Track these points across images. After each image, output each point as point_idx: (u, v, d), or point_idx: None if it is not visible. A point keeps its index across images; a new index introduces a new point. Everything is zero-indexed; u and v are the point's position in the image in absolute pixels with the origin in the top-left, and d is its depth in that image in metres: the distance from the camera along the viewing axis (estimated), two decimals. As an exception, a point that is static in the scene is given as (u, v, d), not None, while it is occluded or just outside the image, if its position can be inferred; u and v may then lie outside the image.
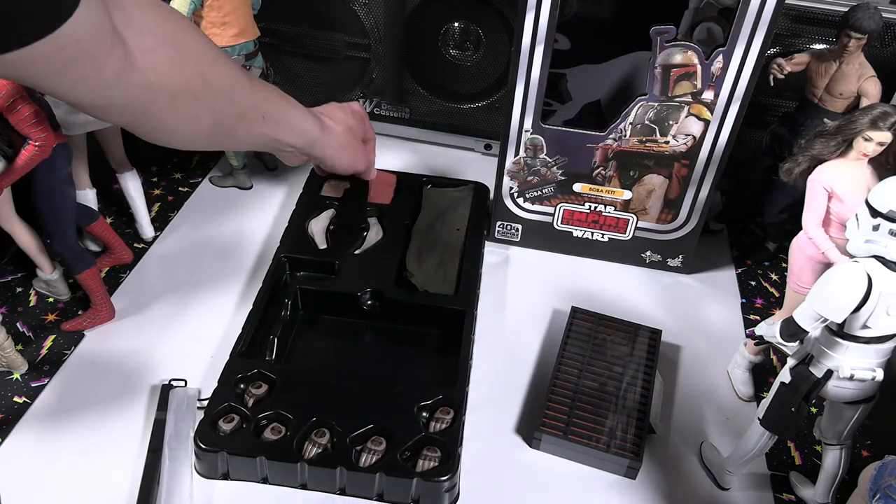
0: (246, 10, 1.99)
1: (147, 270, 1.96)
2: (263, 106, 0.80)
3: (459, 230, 2.01)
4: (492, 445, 1.57)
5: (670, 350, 1.83)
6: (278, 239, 1.91)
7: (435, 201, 2.10)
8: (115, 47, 0.55)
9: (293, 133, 0.87)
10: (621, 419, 1.57)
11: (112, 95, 0.58)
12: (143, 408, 1.58)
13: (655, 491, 1.51)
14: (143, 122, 0.66)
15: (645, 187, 1.94)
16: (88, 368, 1.67)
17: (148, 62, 0.60)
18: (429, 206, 2.08)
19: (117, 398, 1.60)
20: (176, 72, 0.64)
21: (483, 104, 2.42)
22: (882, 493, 1.17)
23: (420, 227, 1.98)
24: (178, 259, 2.00)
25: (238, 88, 0.75)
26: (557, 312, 1.91)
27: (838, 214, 1.51)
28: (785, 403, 1.35)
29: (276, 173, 2.34)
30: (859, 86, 1.83)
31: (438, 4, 2.27)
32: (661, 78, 1.75)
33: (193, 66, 0.66)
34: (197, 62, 0.67)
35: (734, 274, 2.12)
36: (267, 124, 0.81)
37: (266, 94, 0.81)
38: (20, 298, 1.84)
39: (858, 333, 1.26)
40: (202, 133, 0.74)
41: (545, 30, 1.71)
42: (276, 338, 1.67)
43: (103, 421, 1.55)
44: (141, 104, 0.63)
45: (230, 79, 0.74)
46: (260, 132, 0.81)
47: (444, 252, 1.92)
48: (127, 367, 1.67)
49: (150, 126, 0.67)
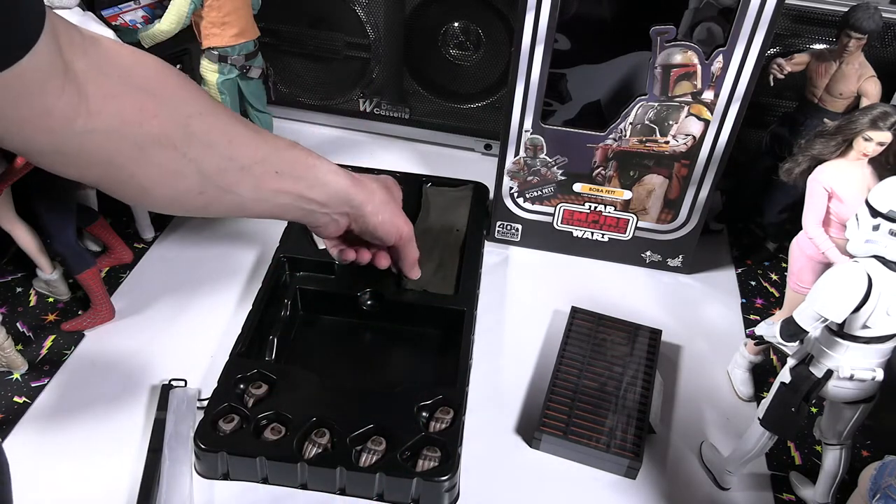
0: (246, 10, 1.99)
1: (147, 270, 1.96)
2: (275, 159, 0.69)
3: (459, 231, 2.00)
4: (492, 445, 1.57)
5: (670, 350, 1.83)
6: (278, 239, 1.91)
7: (434, 201, 2.10)
8: (67, 88, 0.52)
9: (321, 186, 0.74)
10: (621, 419, 1.57)
11: (65, 142, 0.54)
12: (143, 408, 1.58)
13: (655, 491, 1.51)
14: (110, 174, 0.59)
15: (645, 187, 1.94)
16: (88, 368, 1.67)
17: (110, 107, 0.55)
18: (428, 207, 2.08)
19: (117, 398, 1.60)
20: (147, 120, 0.58)
21: (483, 104, 2.42)
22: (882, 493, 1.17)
23: (419, 228, 1.97)
24: (178, 259, 2.00)
25: (237, 140, 0.66)
26: (557, 312, 1.91)
27: (838, 214, 1.51)
28: (785, 403, 1.35)
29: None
30: (859, 86, 1.83)
31: (438, 4, 2.27)
32: (661, 78, 1.75)
33: (172, 114, 0.60)
34: (177, 111, 0.61)
35: (734, 274, 2.12)
36: (284, 179, 0.70)
37: (280, 146, 0.71)
38: (20, 298, 1.84)
39: (858, 333, 1.26)
40: (189, 191, 0.64)
41: (545, 30, 1.71)
42: (276, 338, 1.67)
43: (103, 421, 1.55)
44: (103, 154, 0.57)
45: (225, 131, 0.65)
46: (276, 188, 0.70)
47: (443, 253, 1.92)
48: (127, 367, 1.67)
49: (119, 179, 0.60)
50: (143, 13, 2.00)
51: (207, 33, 1.96)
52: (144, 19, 1.98)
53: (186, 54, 2.24)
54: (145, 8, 2.01)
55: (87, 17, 1.67)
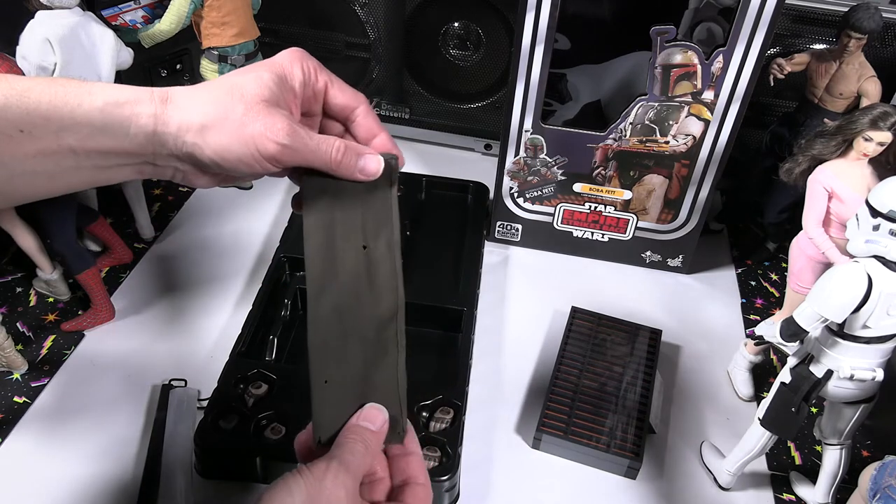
0: (246, 10, 1.99)
1: (147, 270, 1.96)
2: (16, 106, 0.48)
3: (367, 248, 0.66)
4: (492, 445, 1.57)
5: (670, 350, 1.83)
6: (278, 239, 1.91)
7: (319, 201, 0.77)
8: None
9: (99, 127, 0.50)
10: (621, 419, 1.57)
11: None
12: (143, 408, 1.58)
13: (655, 491, 1.51)
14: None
15: (645, 187, 1.94)
16: (88, 368, 1.67)
17: None
18: (315, 215, 0.72)
19: (117, 398, 1.60)
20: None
21: (483, 104, 2.42)
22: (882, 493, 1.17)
23: (311, 271, 0.65)
24: (178, 259, 2.00)
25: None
26: (557, 312, 1.91)
27: (838, 214, 1.51)
28: (785, 403, 1.35)
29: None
30: (859, 86, 1.83)
31: (438, 4, 2.27)
32: (661, 78, 1.75)
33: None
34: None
35: (734, 274, 2.12)
36: (39, 135, 0.49)
37: (21, 87, 0.49)
38: (20, 298, 1.84)
39: (859, 333, 1.26)
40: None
41: (545, 30, 1.71)
42: (276, 338, 1.67)
43: (103, 421, 1.55)
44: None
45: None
46: (38, 149, 0.49)
47: (363, 328, 0.70)
48: (127, 367, 1.67)
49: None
50: (143, 13, 2.00)
51: (207, 33, 1.97)
52: (144, 19, 1.98)
53: (186, 54, 2.25)
54: (145, 8, 2.01)
55: (87, 17, 1.67)
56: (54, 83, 0.50)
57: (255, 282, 1.84)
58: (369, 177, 0.57)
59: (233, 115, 0.51)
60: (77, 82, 0.51)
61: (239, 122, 0.51)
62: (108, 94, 0.51)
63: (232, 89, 0.52)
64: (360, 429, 0.56)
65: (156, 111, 0.51)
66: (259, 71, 0.54)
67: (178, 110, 0.51)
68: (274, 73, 0.54)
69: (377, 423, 0.57)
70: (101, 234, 1.89)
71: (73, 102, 0.49)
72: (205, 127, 0.51)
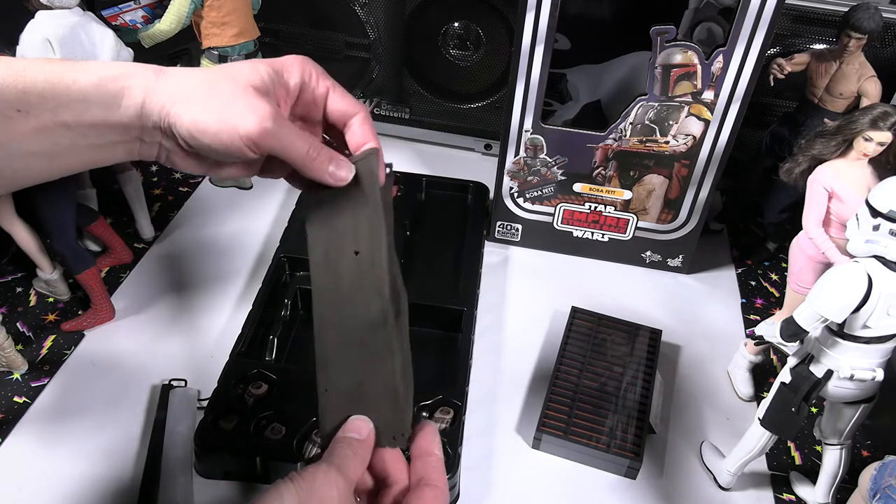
0: (246, 10, 1.99)
1: (147, 270, 1.96)
2: (13, 86, 0.49)
3: (359, 254, 0.62)
4: (492, 445, 1.57)
5: (670, 350, 1.84)
6: (278, 239, 1.91)
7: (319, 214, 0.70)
8: None
9: (94, 101, 0.50)
10: (621, 419, 1.57)
11: None
12: (143, 408, 1.58)
13: (655, 491, 1.51)
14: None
15: (645, 187, 1.94)
16: (88, 368, 1.67)
17: None
18: (316, 228, 0.68)
19: (117, 398, 1.60)
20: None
21: (483, 104, 2.42)
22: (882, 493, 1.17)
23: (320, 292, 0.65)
24: (178, 259, 2.00)
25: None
26: (557, 312, 1.91)
27: (838, 214, 1.51)
28: (785, 403, 1.35)
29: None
30: (859, 86, 1.83)
31: (438, 4, 2.27)
32: (661, 78, 1.75)
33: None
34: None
35: (734, 274, 2.12)
36: (36, 114, 0.49)
37: (18, 68, 0.50)
38: (20, 298, 1.84)
39: (859, 333, 1.26)
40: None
41: (545, 30, 1.71)
42: (276, 338, 1.67)
43: (103, 421, 1.55)
44: None
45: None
46: (34, 128, 0.50)
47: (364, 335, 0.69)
48: (127, 367, 1.67)
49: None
50: (143, 13, 2.00)
51: (207, 33, 1.97)
52: (144, 19, 1.99)
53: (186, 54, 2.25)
54: (145, 8, 2.01)
55: (87, 17, 1.67)
56: (50, 62, 0.51)
57: (255, 282, 1.84)
58: (338, 182, 0.57)
59: (219, 92, 0.52)
60: (73, 61, 0.52)
61: (224, 98, 0.52)
62: (104, 69, 0.52)
63: (225, 71, 0.54)
64: (347, 439, 0.57)
65: (147, 84, 0.52)
66: (257, 63, 0.55)
67: (168, 83, 0.52)
68: (271, 68, 0.55)
69: (362, 434, 0.57)
70: (101, 234, 1.89)
71: (69, 79, 0.50)
72: (189, 98, 0.52)
